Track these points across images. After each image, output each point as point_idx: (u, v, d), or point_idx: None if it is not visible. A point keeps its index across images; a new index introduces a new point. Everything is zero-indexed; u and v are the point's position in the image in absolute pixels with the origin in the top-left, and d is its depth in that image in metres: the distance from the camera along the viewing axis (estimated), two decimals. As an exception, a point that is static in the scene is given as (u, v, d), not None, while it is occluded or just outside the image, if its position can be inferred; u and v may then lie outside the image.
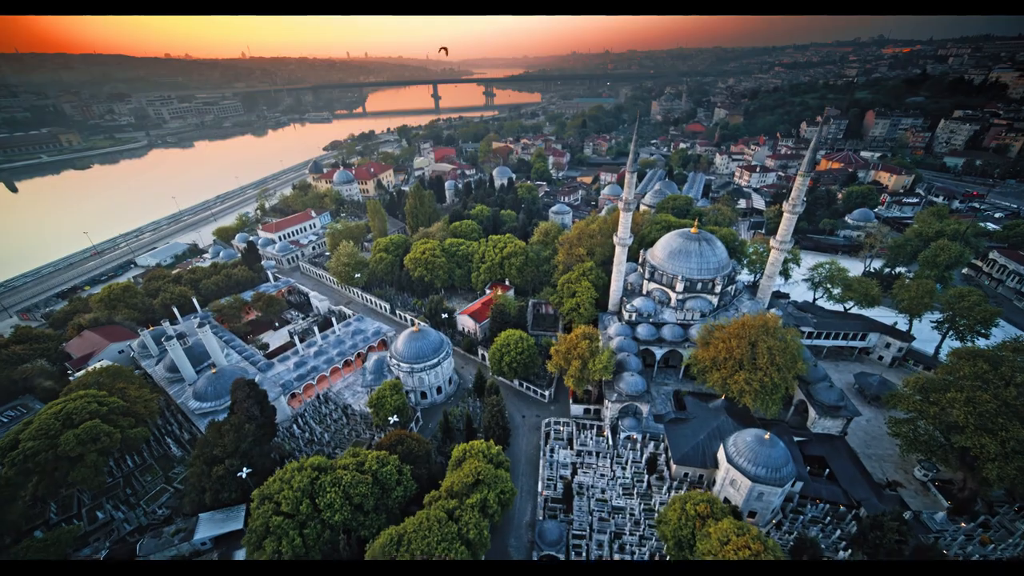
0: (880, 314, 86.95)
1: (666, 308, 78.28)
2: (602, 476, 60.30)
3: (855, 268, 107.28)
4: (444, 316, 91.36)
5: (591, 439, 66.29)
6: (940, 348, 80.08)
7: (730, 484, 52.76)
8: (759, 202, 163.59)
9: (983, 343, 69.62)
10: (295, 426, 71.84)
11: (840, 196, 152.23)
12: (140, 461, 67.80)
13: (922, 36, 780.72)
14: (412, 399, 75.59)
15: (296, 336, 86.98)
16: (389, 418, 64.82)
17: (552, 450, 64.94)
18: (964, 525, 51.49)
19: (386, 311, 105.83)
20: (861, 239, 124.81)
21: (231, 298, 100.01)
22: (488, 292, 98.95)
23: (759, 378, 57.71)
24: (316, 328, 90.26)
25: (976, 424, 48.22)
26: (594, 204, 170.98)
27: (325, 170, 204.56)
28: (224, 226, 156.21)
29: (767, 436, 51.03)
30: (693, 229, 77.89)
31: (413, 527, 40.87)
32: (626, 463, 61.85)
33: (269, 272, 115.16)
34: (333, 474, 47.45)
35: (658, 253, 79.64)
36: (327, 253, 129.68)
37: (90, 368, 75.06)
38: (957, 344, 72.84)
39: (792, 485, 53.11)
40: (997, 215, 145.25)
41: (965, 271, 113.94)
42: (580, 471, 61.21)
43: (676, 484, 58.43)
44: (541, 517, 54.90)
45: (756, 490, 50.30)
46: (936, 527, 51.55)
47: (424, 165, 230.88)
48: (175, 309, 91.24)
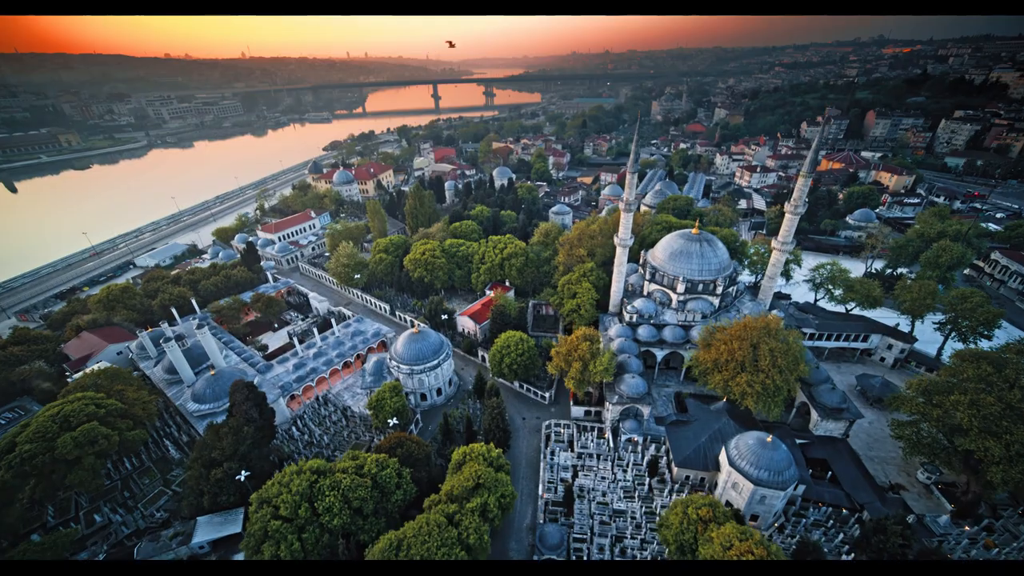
0: (882, 315, 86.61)
1: (667, 309, 77.99)
2: (603, 479, 59.89)
3: (856, 269, 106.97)
4: (444, 317, 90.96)
5: (592, 441, 65.88)
6: (942, 349, 79.80)
7: (732, 487, 52.44)
8: (760, 202, 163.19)
9: (986, 345, 69.50)
10: (294, 428, 71.43)
11: (841, 196, 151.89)
12: (138, 463, 67.44)
13: (922, 36, 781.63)
14: (412, 401, 75.22)
15: (295, 337, 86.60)
16: (389, 420, 64.41)
17: (553, 452, 64.53)
18: (968, 528, 51.15)
19: (386, 312, 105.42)
20: (862, 240, 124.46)
21: (230, 299, 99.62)
22: (488, 293, 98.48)
23: (761, 380, 57.32)
24: (315, 329, 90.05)
25: (980, 427, 47.83)
26: (594, 204, 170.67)
27: (325, 170, 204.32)
28: (223, 227, 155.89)
29: (769, 439, 50.74)
30: (694, 230, 77.55)
31: (412, 532, 40.48)
32: (627, 466, 61.47)
33: (268, 273, 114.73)
34: (332, 478, 47.11)
35: (659, 254, 79.30)
36: (327, 254, 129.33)
37: (88, 370, 74.74)
38: (959, 346, 72.44)
39: (795, 488, 52.75)
40: (998, 215, 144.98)
41: (967, 272, 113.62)
42: (581, 474, 60.84)
43: (677, 487, 58.08)
44: (542, 520, 54.49)
45: (758, 493, 50.00)
46: (940, 530, 51.20)
47: (424, 165, 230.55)
48: (174, 310, 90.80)
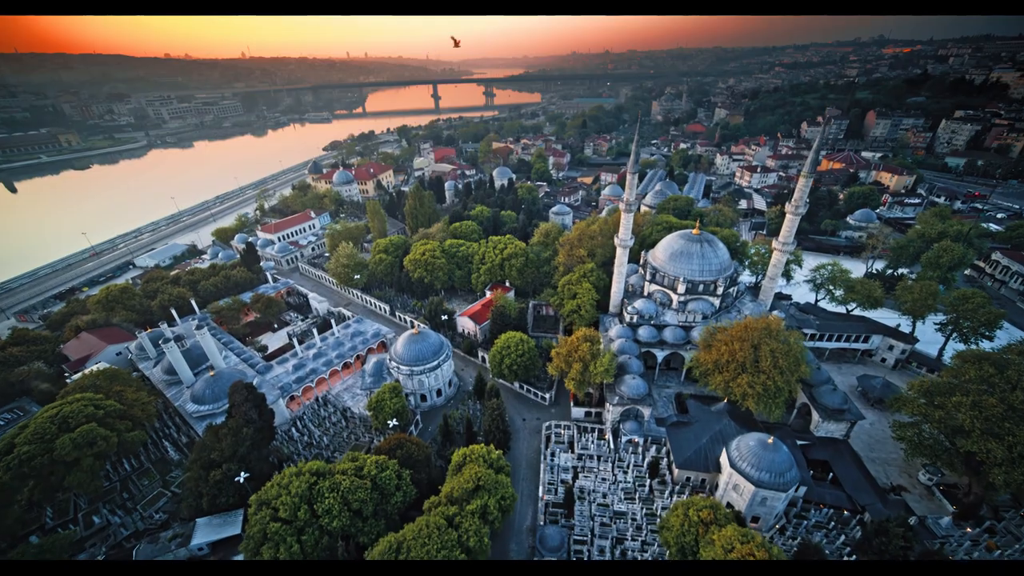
0: (883, 316, 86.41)
1: (667, 310, 77.81)
2: (603, 480, 59.65)
3: (857, 269, 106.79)
4: (444, 318, 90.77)
5: (592, 443, 65.65)
6: (944, 350, 79.58)
7: (733, 489, 52.25)
8: (760, 203, 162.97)
9: (987, 345, 69.30)
10: (294, 429, 71.20)
11: (841, 197, 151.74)
12: (137, 465, 67.24)
13: (922, 36, 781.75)
14: (412, 402, 75.02)
15: (295, 338, 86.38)
16: (388, 421, 64.20)
17: (553, 454, 64.30)
18: (970, 530, 50.94)
19: (386, 313, 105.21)
20: (863, 240, 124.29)
21: (230, 299, 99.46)
22: (488, 293, 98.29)
23: (762, 381, 57.11)
24: (315, 330, 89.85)
25: (982, 429, 47.64)
26: (594, 205, 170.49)
27: (324, 170, 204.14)
28: (223, 227, 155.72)
29: (770, 440, 50.56)
30: (695, 230, 77.38)
31: (412, 534, 40.28)
32: (628, 467, 61.22)
33: (268, 273, 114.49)
34: (331, 479, 46.91)
35: (659, 254, 79.12)
36: (326, 254, 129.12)
37: (87, 371, 74.55)
38: (961, 346, 72.20)
39: (796, 490, 52.57)
40: (999, 216, 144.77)
41: (967, 272, 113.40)
42: (581, 475, 60.61)
43: (678, 488, 57.87)
44: (542, 522, 54.27)
45: (759, 495, 49.81)
46: (941, 532, 50.99)
47: (424, 165, 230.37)
48: (173, 311, 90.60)
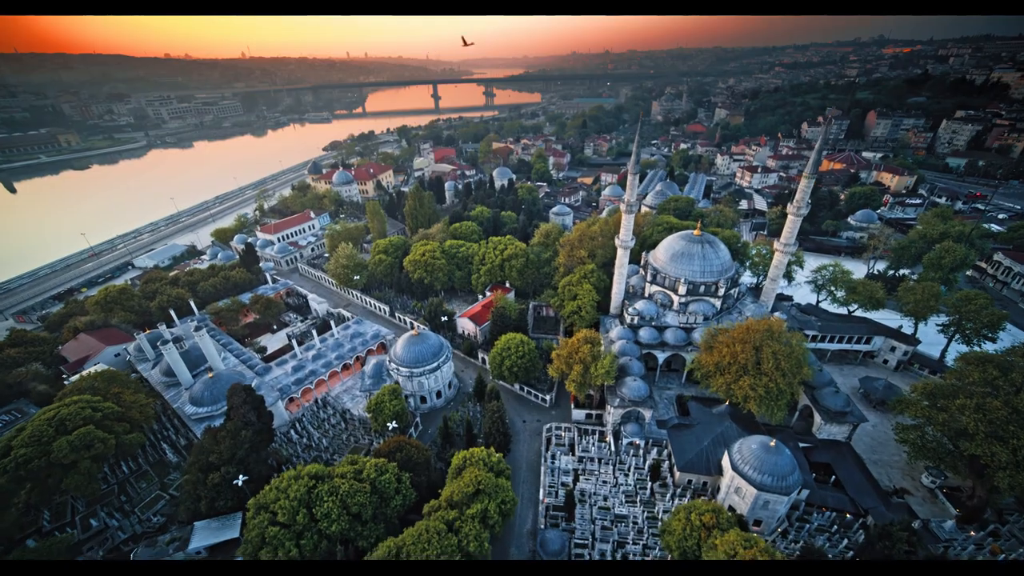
0: (884, 317, 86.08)
1: (668, 311, 77.45)
2: (604, 483, 59.24)
3: (858, 270, 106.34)
4: (444, 319, 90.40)
5: (593, 445, 65.25)
6: (946, 352, 79.16)
7: (735, 492, 51.85)
8: (761, 203, 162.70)
9: (990, 347, 68.88)
10: (293, 431, 70.77)
11: (842, 197, 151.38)
12: (135, 467, 66.80)
13: (922, 36, 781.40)
14: (411, 404, 74.63)
15: (294, 339, 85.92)
16: (388, 424, 63.84)
17: (553, 456, 63.92)
18: (973, 534, 50.56)
19: (385, 314, 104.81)
20: (864, 241, 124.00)
21: (229, 300, 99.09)
22: (488, 294, 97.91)
23: (764, 383, 56.73)
24: (315, 331, 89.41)
25: (986, 432, 47.24)
26: (595, 205, 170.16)
27: (324, 171, 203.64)
28: (222, 227, 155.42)
29: (773, 443, 50.16)
30: (696, 231, 77.01)
31: (412, 539, 39.88)
32: (629, 470, 60.83)
33: (267, 274, 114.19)
34: (330, 483, 46.55)
35: (660, 255, 78.75)
36: (326, 255, 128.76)
37: (85, 372, 74.23)
38: (963, 348, 71.82)
39: (798, 493, 52.18)
40: (1001, 216, 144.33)
41: (969, 273, 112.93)
42: (582, 478, 60.20)
43: (680, 492, 57.49)
44: (543, 526, 53.88)
45: (762, 498, 49.41)
46: (945, 536, 50.58)
47: (424, 166, 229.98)
48: (172, 312, 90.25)
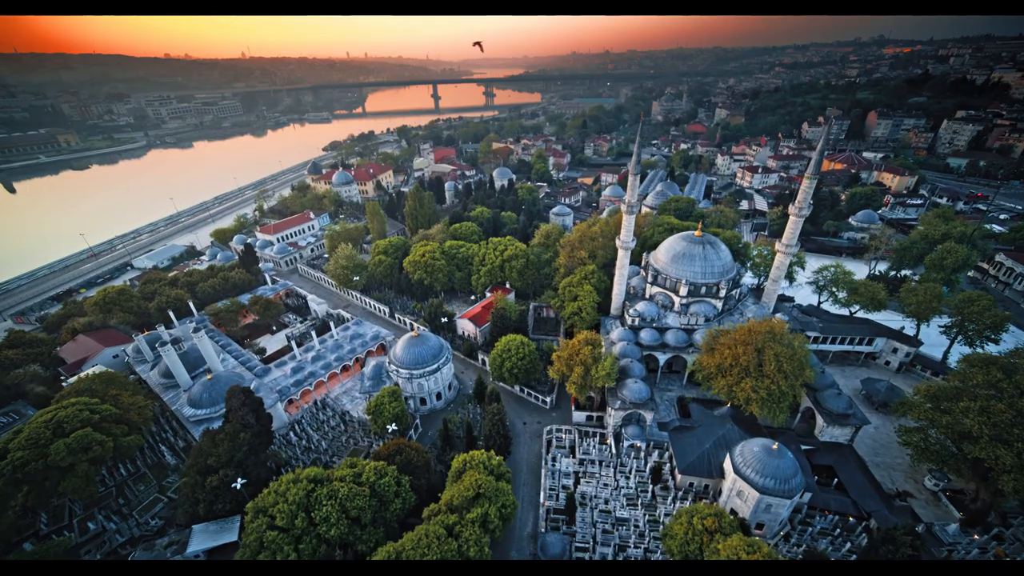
0: (886, 318, 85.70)
1: (669, 312, 77.09)
2: (605, 486, 58.86)
3: (859, 270, 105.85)
4: (444, 320, 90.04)
5: (594, 447, 64.87)
6: (948, 353, 78.75)
7: (737, 495, 51.48)
8: (761, 203, 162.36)
9: (993, 348, 68.50)
10: (292, 433, 70.35)
11: (843, 197, 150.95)
12: (133, 470, 66.40)
13: (922, 36, 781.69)
14: (411, 405, 74.23)
15: (294, 340, 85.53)
16: (388, 426, 63.47)
17: (554, 459, 63.52)
18: (977, 537, 50.20)
19: (385, 315, 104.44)
20: (865, 241, 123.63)
21: (228, 301, 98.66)
22: (488, 295, 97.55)
23: (766, 386, 56.32)
24: (314, 332, 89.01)
25: (991, 435, 46.85)
26: (595, 205, 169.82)
27: (324, 171, 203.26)
28: (222, 228, 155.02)
29: (775, 446, 49.79)
30: (697, 232, 76.61)
31: (411, 544, 39.47)
32: (630, 472, 60.45)
33: (267, 275, 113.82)
34: (329, 486, 46.14)
35: (661, 256, 78.37)
36: (325, 255, 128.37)
37: (83, 374, 73.80)
38: (966, 349, 71.47)
39: (801, 496, 51.81)
40: (1002, 217, 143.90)
41: (971, 274, 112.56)
42: (583, 481, 59.80)
43: (681, 494, 57.11)
44: (543, 529, 53.50)
45: (764, 502, 49.07)
46: (948, 539, 50.24)
47: (424, 166, 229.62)
48: (171, 313, 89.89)
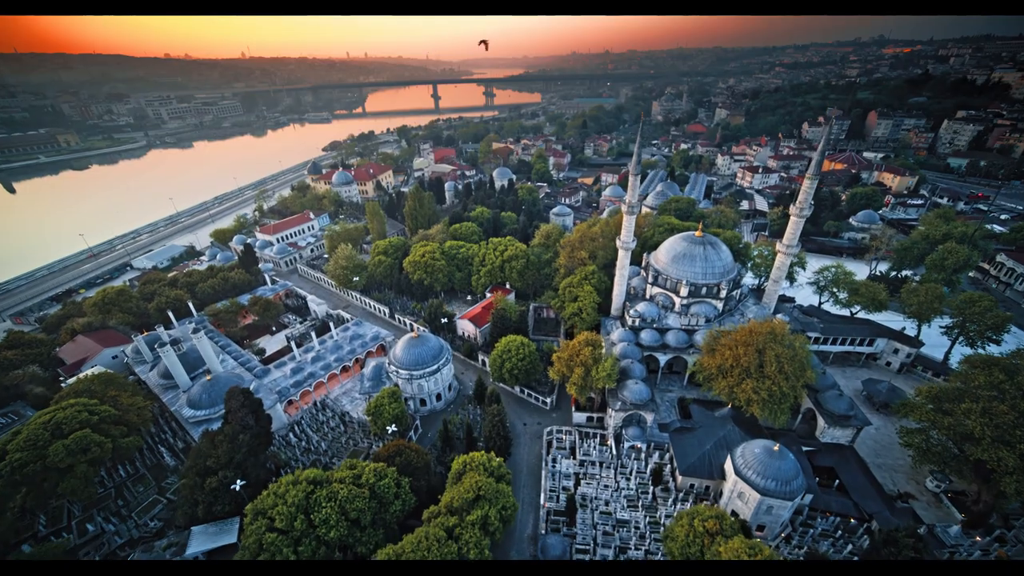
0: (887, 318, 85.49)
1: (670, 313, 76.88)
2: (606, 487, 58.68)
3: (860, 271, 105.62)
4: (444, 321, 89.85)
5: (594, 448, 64.67)
6: (950, 354, 78.56)
7: (738, 497, 51.29)
8: (762, 204, 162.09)
9: (994, 349, 68.32)
10: (291, 434, 70.13)
11: (844, 198, 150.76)
12: (132, 471, 66.19)
13: (922, 36, 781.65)
14: (411, 406, 74.04)
15: (293, 341, 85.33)
16: (387, 427, 63.29)
17: (554, 460, 63.34)
18: (979, 539, 50.00)
19: (385, 315, 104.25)
20: (866, 241, 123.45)
21: (227, 302, 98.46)
22: (488, 296, 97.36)
23: (767, 387, 56.13)
24: (314, 333, 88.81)
25: (993, 436, 46.69)
26: (595, 205, 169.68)
27: (324, 171, 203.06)
28: (222, 228, 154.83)
29: (776, 448, 49.62)
30: (697, 232, 76.42)
31: (411, 546, 39.27)
32: (630, 474, 60.25)
33: (266, 275, 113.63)
34: (329, 488, 45.95)
35: (662, 257, 78.17)
36: (325, 256, 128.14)
37: (82, 375, 73.59)
38: (967, 350, 71.30)
39: (802, 498, 51.62)
40: (1003, 217, 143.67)
41: (971, 275, 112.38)
42: (583, 482, 59.59)
43: (682, 496, 56.92)
44: (543, 531, 53.32)
45: (765, 504, 48.87)
46: (950, 541, 49.99)
47: (424, 166, 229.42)
48: (170, 313, 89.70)
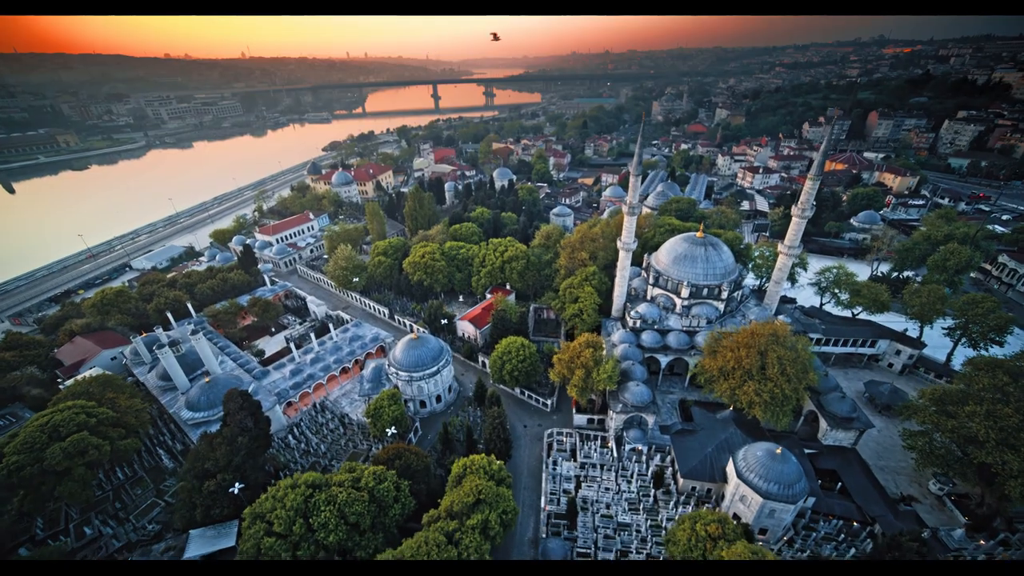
0: (889, 320, 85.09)
1: (671, 314, 76.48)
2: (607, 490, 58.30)
3: (862, 271, 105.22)
4: (444, 322, 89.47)
5: (595, 451, 64.29)
6: (952, 355, 78.16)
7: (740, 500, 50.93)
8: (762, 204, 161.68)
9: (997, 351, 67.92)
10: (291, 436, 69.80)
11: (845, 198, 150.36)
12: (131, 473, 65.87)
13: (922, 36, 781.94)
14: (411, 408, 73.67)
15: (292, 342, 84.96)
16: (387, 429, 62.90)
17: (555, 462, 62.95)
18: (983, 543, 49.59)
19: (384, 316, 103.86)
20: (867, 242, 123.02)
21: (227, 303, 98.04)
22: (489, 297, 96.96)
23: (769, 389, 55.78)
24: (313, 334, 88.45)
25: (997, 439, 46.35)
26: (596, 206, 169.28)
27: (324, 171, 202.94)
28: (221, 228, 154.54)
29: (779, 451, 49.28)
30: (699, 233, 76.03)
31: (411, 551, 38.88)
32: (632, 476, 59.85)
33: (266, 276, 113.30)
34: (328, 491, 45.61)
35: (663, 258, 77.75)
36: (325, 256, 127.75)
37: (80, 377, 73.22)
38: (970, 352, 70.94)
39: (804, 501, 51.23)
40: (1004, 217, 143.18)
41: (973, 275, 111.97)
42: (584, 485, 59.20)
43: (683, 499, 56.52)
44: (544, 534, 52.93)
45: (768, 507, 48.51)
46: (954, 545, 49.57)
47: (424, 166, 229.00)
48: (169, 314, 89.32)
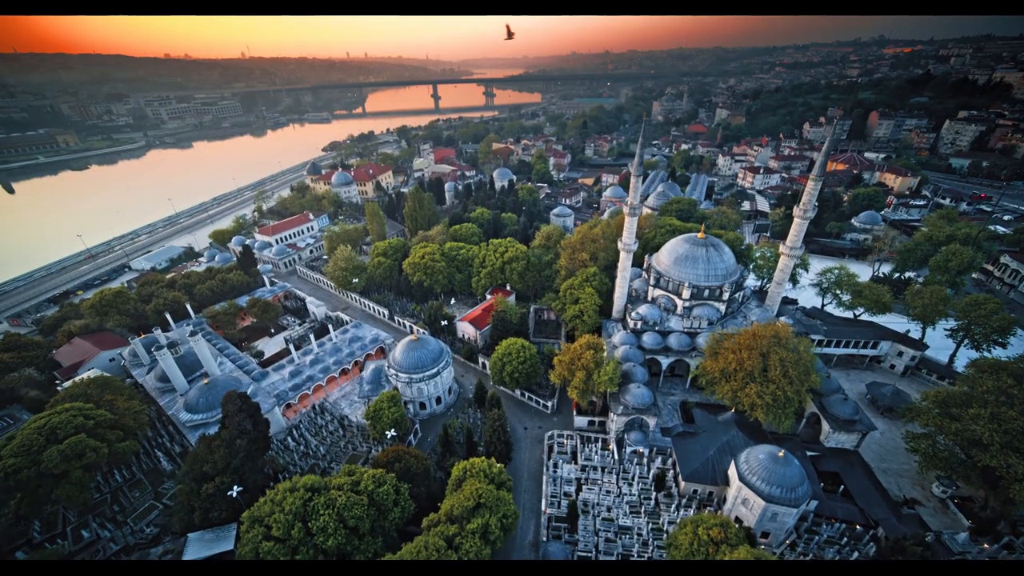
0: (891, 321, 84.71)
1: (672, 315, 76.11)
2: (608, 493, 57.93)
3: (863, 272, 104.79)
4: (444, 323, 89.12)
5: (596, 453, 63.91)
6: (955, 357, 77.78)
7: (742, 503, 50.58)
8: (763, 204, 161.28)
9: (1000, 353, 67.52)
10: (290, 438, 69.43)
11: (846, 198, 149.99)
12: (129, 475, 65.51)
13: (923, 36, 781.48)
14: (411, 410, 73.31)
15: (292, 344, 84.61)
16: (387, 431, 62.54)
17: (555, 465, 62.58)
18: (987, 547, 49.24)
19: (384, 317, 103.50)
20: (868, 243, 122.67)
21: (226, 304, 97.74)
22: (489, 297, 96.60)
23: (771, 391, 55.43)
24: (312, 335, 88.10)
25: (1002, 442, 46.00)
26: (596, 206, 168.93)
27: (323, 171, 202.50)
28: (220, 229, 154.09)
29: (781, 453, 48.94)
30: (700, 234, 75.66)
31: (410, 556, 38.52)
32: (633, 479, 59.47)
33: (265, 276, 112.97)
34: (327, 495, 45.25)
35: (664, 259, 77.39)
36: (324, 257, 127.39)
37: (78, 378, 72.86)
38: (973, 353, 70.53)
39: (807, 504, 50.89)
40: (1006, 218, 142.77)
41: (975, 276, 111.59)
42: (585, 487, 58.84)
43: (685, 502, 56.17)
44: (545, 537, 52.54)
45: (770, 510, 48.17)
46: (958, 548, 49.21)
47: (424, 166, 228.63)
48: (168, 315, 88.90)
